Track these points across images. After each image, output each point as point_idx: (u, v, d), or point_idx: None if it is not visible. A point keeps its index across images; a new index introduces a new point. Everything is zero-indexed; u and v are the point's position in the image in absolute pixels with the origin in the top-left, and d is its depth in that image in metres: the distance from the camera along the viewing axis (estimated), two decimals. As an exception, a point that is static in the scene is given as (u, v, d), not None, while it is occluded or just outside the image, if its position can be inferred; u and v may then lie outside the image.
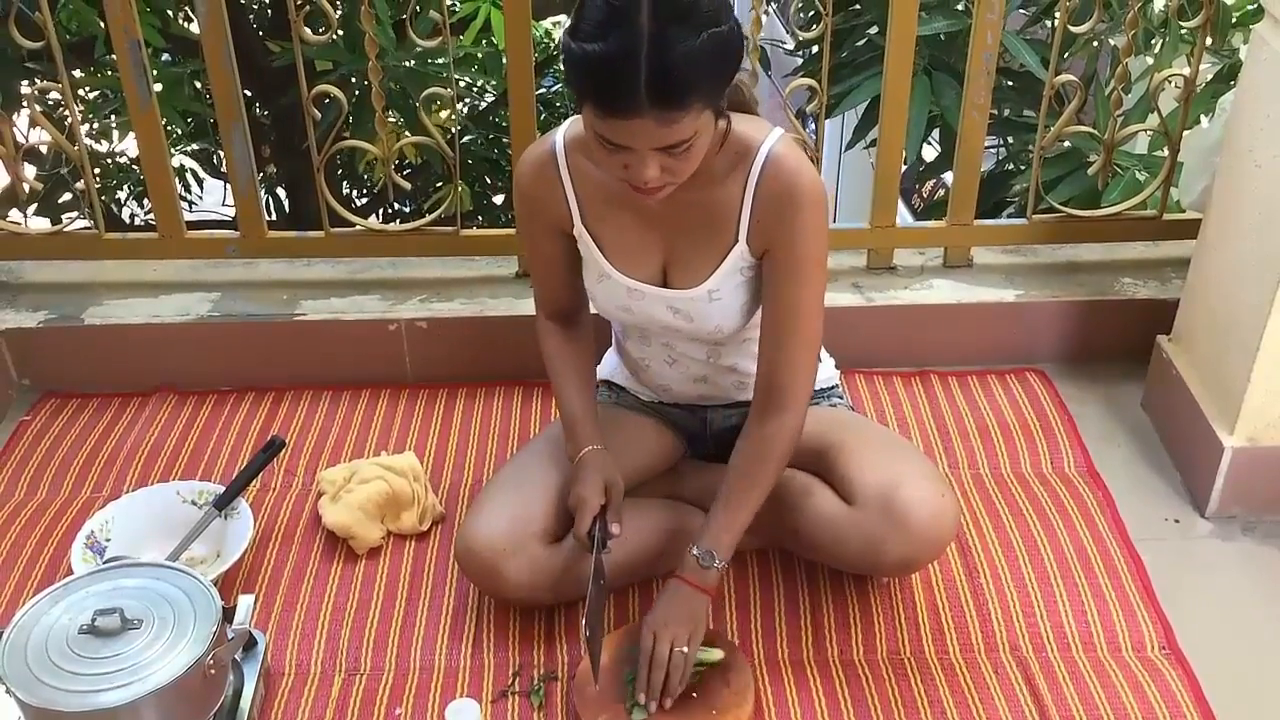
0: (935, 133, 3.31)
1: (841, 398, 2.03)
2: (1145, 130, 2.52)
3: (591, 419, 1.85)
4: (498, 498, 1.84)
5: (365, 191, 4.64)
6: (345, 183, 4.52)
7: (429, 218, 2.47)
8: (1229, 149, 2.08)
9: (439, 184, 4.27)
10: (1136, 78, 2.62)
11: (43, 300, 2.49)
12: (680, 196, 1.60)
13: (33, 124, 2.55)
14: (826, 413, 1.93)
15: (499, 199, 4.52)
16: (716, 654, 1.75)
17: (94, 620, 1.52)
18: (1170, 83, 2.32)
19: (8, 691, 1.48)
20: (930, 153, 3.59)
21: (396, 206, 4.45)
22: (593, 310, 1.94)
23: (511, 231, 2.50)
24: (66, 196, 3.58)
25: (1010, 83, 3.22)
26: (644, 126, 1.45)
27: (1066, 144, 2.81)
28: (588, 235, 1.77)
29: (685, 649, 1.68)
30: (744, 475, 1.74)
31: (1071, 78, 2.36)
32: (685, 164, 1.53)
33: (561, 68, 4.48)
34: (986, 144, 2.45)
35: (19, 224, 2.53)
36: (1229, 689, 1.76)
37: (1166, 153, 2.40)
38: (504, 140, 4.22)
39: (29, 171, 2.67)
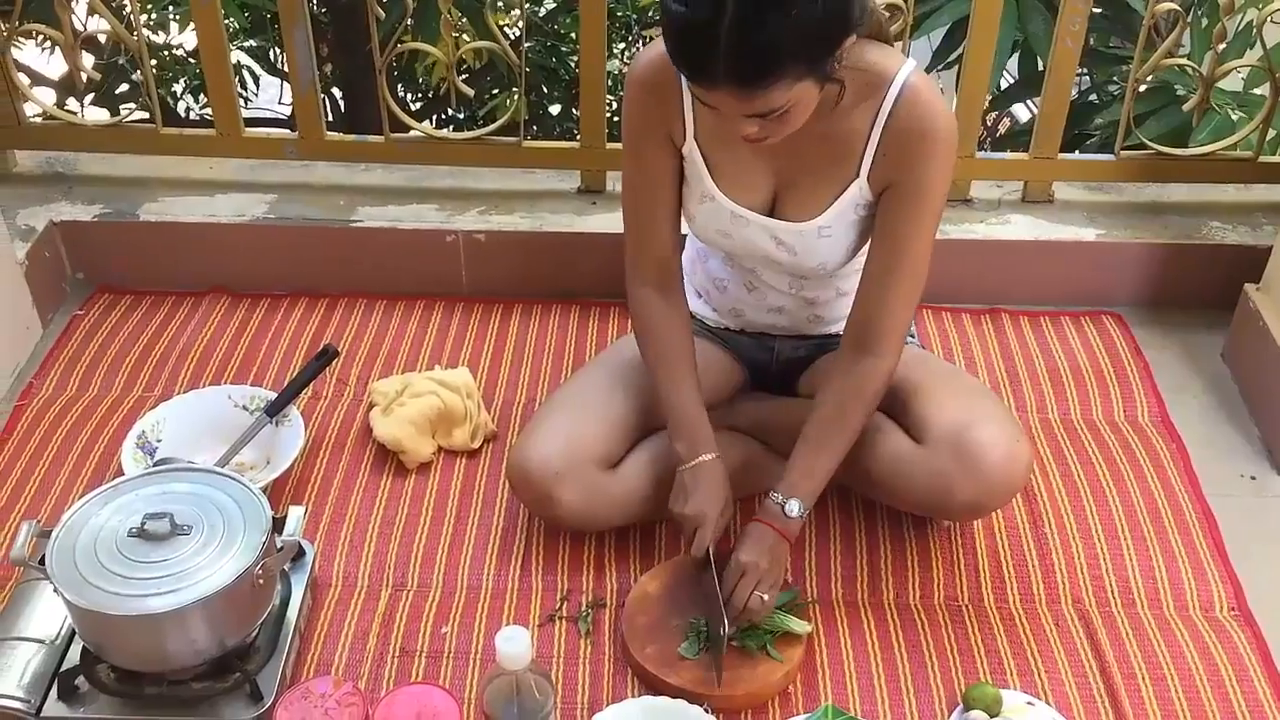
0: (1010, 62, 3.16)
1: (913, 336, 1.95)
2: (1246, 66, 2.40)
3: (706, 419, 1.73)
4: (554, 419, 1.79)
5: (420, 96, 4.55)
6: (400, 85, 4.43)
7: (490, 127, 2.40)
8: (1341, 90, 1.97)
9: (494, 90, 4.17)
10: (1237, 9, 2.48)
11: (98, 194, 2.46)
12: (801, 126, 1.51)
13: (91, 11, 2.50)
14: (899, 349, 1.86)
15: (555, 109, 4.42)
16: (804, 626, 1.68)
17: (143, 524, 1.49)
18: (1272, 17, 2.20)
19: (55, 591, 1.46)
20: (1002, 83, 3.43)
21: (451, 113, 4.35)
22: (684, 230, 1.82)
23: (575, 145, 2.42)
24: (124, 88, 3.54)
25: (1100, 10, 3.06)
26: (724, 98, 1.39)
27: (1151, 78, 2.67)
28: (698, 152, 1.67)
29: (766, 596, 1.63)
30: (830, 420, 1.67)
31: (1174, 5, 2.23)
32: (783, 126, 1.45)
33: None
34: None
35: (75, 114, 2.48)
36: (1300, 655, 1.70)
37: (1267, 91, 2.28)
38: (562, 49, 4.11)
39: (87, 61, 2.62)
